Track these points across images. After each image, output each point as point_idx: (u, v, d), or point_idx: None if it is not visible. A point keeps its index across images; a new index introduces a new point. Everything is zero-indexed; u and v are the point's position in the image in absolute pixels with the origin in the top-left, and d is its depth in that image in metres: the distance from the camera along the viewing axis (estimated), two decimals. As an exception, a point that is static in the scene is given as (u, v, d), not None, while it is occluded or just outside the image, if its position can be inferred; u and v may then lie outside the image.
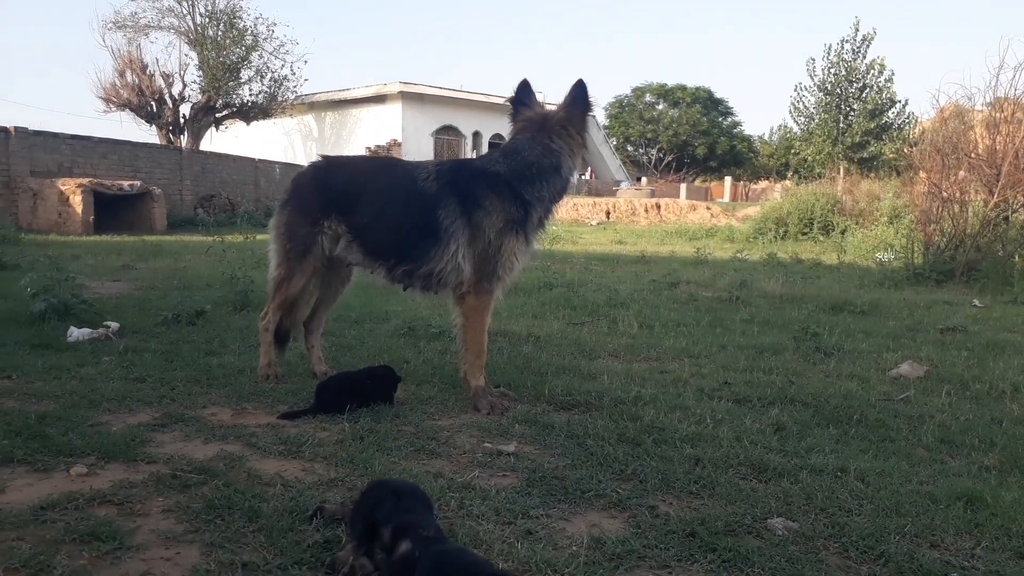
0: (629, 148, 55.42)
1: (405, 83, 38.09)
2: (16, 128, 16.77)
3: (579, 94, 4.28)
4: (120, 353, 4.92)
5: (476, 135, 42.03)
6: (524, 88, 4.34)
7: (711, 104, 54.64)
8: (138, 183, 18.10)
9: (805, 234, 20.37)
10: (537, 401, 4.20)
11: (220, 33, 29.02)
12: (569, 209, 29.90)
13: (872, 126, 36.70)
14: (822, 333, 6.33)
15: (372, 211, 4.25)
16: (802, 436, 3.73)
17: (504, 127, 4.53)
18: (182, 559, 2.19)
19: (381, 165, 4.50)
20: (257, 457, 3.12)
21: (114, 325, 5.66)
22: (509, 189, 4.07)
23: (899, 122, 37.04)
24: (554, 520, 2.64)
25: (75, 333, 5.36)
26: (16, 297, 6.45)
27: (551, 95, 15.04)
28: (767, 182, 43.21)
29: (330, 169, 4.57)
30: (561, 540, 2.47)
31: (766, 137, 58.07)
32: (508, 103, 4.37)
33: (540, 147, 4.15)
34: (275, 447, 3.23)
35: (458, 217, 4.05)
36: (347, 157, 5.45)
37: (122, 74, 27.82)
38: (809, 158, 37.77)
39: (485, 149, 39.69)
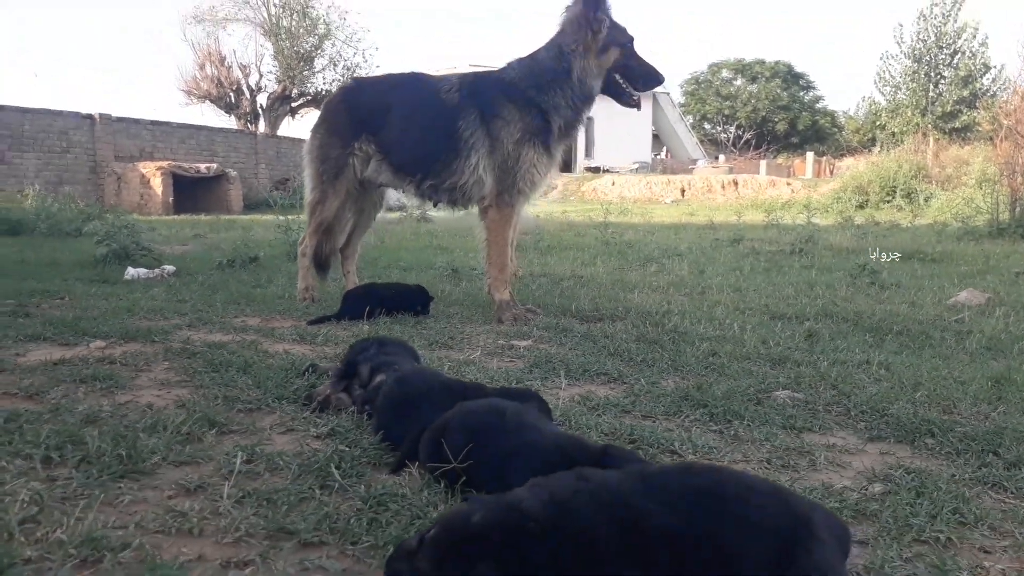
0: (706, 126, 53.98)
1: (474, 66, 38.19)
2: (101, 115, 17.61)
3: None
4: (170, 286, 5.12)
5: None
6: None
7: (791, 78, 52.67)
8: (215, 166, 18.77)
9: (887, 202, 19.42)
10: (563, 315, 4.18)
11: (294, 23, 29.78)
12: (642, 187, 29.40)
13: (965, 94, 34.76)
14: (882, 271, 6.06)
15: (398, 127, 4.26)
16: (832, 340, 3.59)
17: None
18: (170, 396, 2.29)
19: (407, 80, 4.47)
20: (270, 342, 3.21)
21: (170, 268, 5.90)
22: (524, 98, 4.01)
23: (995, 89, 34.95)
24: (548, 388, 2.62)
25: (131, 272, 5.62)
26: (88, 252, 6.80)
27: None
28: (852, 159, 41.41)
29: (359, 90, 4.61)
30: (550, 400, 2.45)
31: (851, 112, 55.80)
32: None
33: (554, 50, 4.06)
34: (290, 336, 3.32)
35: (477, 128, 4.02)
36: (375, 77, 5.46)
37: (202, 67, 28.87)
38: (896, 131, 36.04)
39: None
